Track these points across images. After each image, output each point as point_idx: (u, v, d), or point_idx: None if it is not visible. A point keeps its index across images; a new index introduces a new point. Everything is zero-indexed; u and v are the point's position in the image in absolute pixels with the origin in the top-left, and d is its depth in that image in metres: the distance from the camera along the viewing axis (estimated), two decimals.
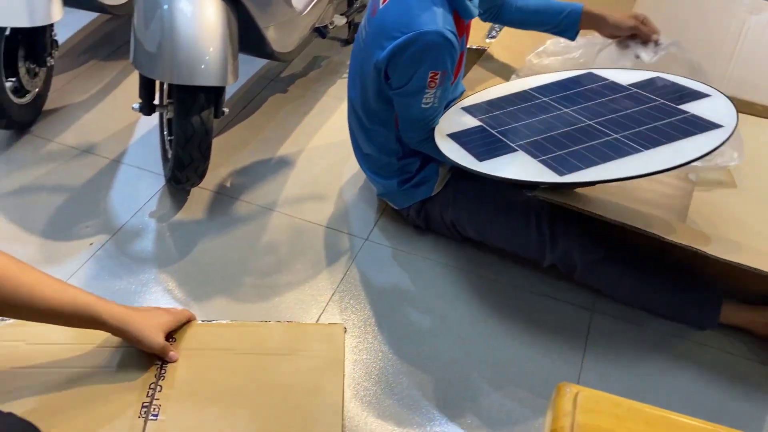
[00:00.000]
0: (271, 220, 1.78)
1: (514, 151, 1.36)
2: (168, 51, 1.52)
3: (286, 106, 2.20)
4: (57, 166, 1.89)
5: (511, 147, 1.38)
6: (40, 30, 1.86)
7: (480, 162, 1.34)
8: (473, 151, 1.39)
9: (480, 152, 1.38)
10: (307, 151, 2.02)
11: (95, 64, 2.30)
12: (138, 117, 2.06)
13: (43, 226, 1.70)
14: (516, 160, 1.34)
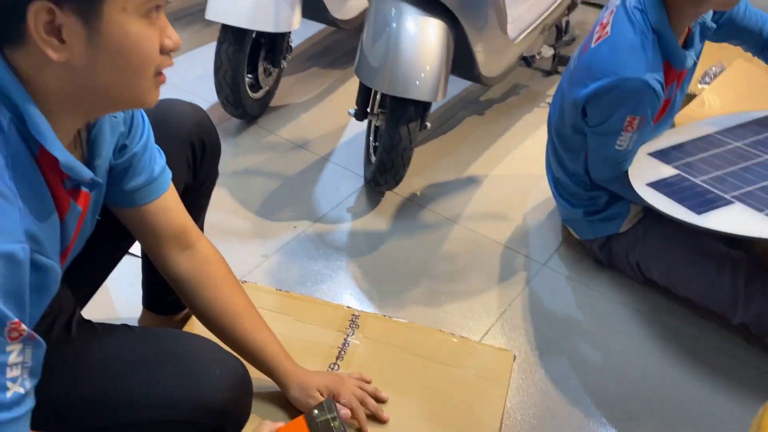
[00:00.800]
0: (453, 231, 1.88)
1: (730, 203, 1.34)
2: (390, 65, 1.68)
3: (481, 127, 2.30)
4: (274, 155, 2.14)
5: (726, 199, 1.35)
6: (281, 36, 2.13)
7: (698, 215, 1.33)
8: (686, 203, 1.37)
9: (694, 204, 1.36)
10: (496, 171, 2.10)
11: (317, 70, 2.57)
12: (348, 121, 2.27)
13: (258, 205, 1.94)
14: (736, 213, 1.31)
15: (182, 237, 1.04)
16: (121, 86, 0.75)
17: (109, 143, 0.89)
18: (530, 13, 2.09)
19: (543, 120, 2.31)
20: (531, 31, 2.09)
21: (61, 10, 0.66)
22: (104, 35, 0.70)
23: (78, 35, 0.68)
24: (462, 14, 1.72)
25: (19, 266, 0.68)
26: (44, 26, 0.66)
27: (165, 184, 1.00)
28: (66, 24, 0.67)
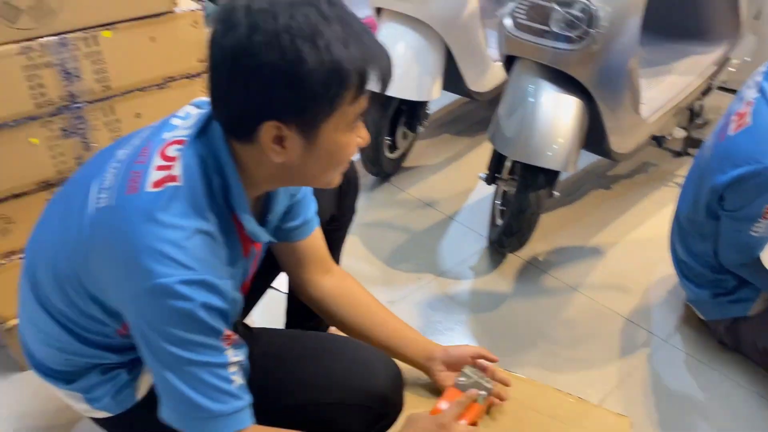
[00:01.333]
0: (573, 298, 1.92)
1: None
2: (524, 135, 1.79)
3: (607, 201, 2.35)
4: (404, 211, 2.29)
5: None
6: (421, 104, 2.31)
7: None
8: None
9: None
10: (620, 245, 2.13)
11: (448, 137, 2.73)
12: (474, 185, 2.39)
13: (387, 255, 2.07)
14: None
15: (324, 264, 1.24)
16: (319, 176, 0.95)
17: (282, 204, 1.09)
18: (664, 94, 2.15)
19: (670, 199, 2.33)
20: (664, 112, 2.14)
21: (288, 128, 0.84)
22: (317, 145, 0.88)
23: (297, 145, 0.87)
24: (597, 93, 1.81)
25: (225, 297, 0.87)
26: (272, 138, 0.85)
27: (316, 222, 1.20)
28: (289, 137, 0.86)
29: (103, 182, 0.91)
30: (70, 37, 1.39)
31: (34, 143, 1.45)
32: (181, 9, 1.53)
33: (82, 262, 0.92)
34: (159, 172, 0.87)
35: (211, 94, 0.88)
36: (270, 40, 0.79)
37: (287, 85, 0.81)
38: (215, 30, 0.84)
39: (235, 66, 0.81)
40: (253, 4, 0.81)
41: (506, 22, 1.81)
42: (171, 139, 0.91)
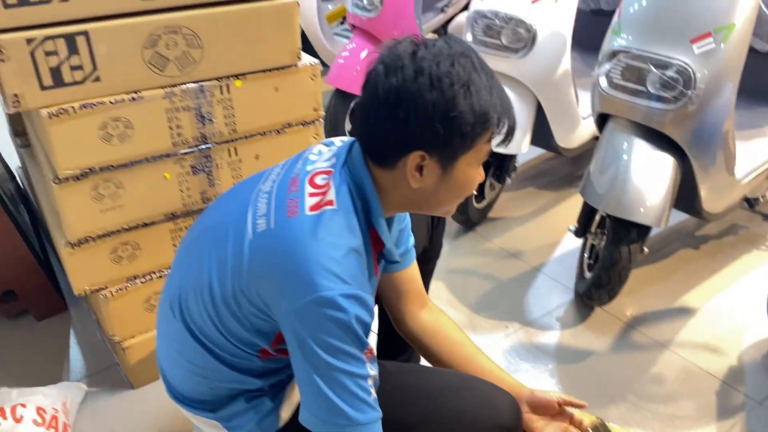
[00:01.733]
0: (662, 355, 1.91)
1: None
2: (618, 189, 1.84)
3: (696, 261, 2.33)
4: (489, 260, 2.34)
5: None
6: (510, 157, 2.38)
7: None
8: None
9: None
10: (710, 306, 2.11)
11: (532, 190, 2.78)
12: (559, 237, 2.42)
13: (473, 302, 2.12)
14: None
15: (421, 296, 1.32)
16: (444, 204, 1.08)
17: (395, 231, 1.20)
18: (758, 156, 2.15)
19: (761, 262, 2.30)
20: (757, 173, 2.14)
21: (430, 158, 0.98)
22: (451, 176, 1.01)
23: (434, 174, 1.01)
24: (692, 152, 1.85)
25: (371, 313, 0.98)
26: (415, 166, 0.99)
27: (414, 254, 1.30)
28: (428, 166, 0.99)
29: (257, 211, 1.02)
30: (207, 84, 1.55)
31: (167, 178, 1.60)
32: (303, 63, 1.67)
33: (243, 283, 1.01)
34: (313, 198, 0.99)
35: (361, 126, 1.02)
36: (433, 83, 0.93)
37: (441, 122, 0.94)
38: (376, 71, 0.97)
39: (399, 102, 0.94)
40: (419, 51, 0.96)
41: (601, 82, 1.89)
42: (316, 170, 1.04)
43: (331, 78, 2.65)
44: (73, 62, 1.38)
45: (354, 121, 1.09)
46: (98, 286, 1.64)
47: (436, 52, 0.95)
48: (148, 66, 1.46)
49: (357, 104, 1.04)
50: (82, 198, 1.50)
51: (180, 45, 1.47)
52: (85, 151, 1.46)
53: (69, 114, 1.40)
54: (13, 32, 1.32)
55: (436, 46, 0.97)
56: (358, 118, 1.03)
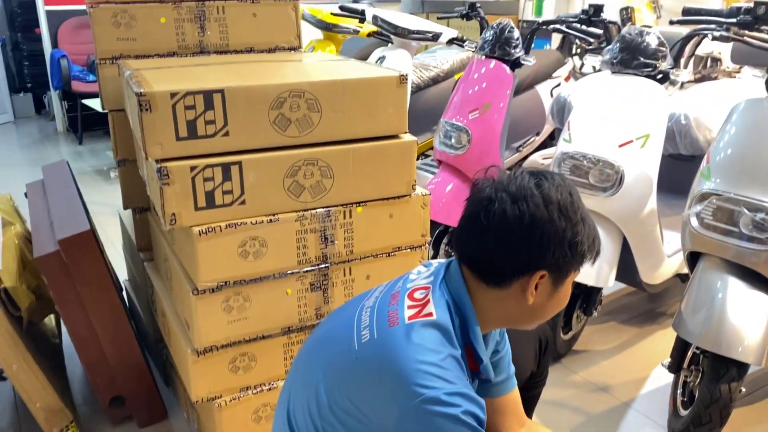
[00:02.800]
0: None
1: None
2: (716, 327, 1.87)
3: None
4: (578, 393, 2.34)
5: None
6: (597, 290, 2.45)
7: None
8: None
9: None
10: None
11: (614, 324, 2.80)
12: (648, 371, 2.41)
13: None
14: None
15: (519, 416, 1.37)
16: (542, 317, 1.18)
17: (489, 350, 1.27)
18: None
19: None
20: None
21: (548, 277, 1.11)
22: (558, 292, 1.14)
23: (545, 291, 1.13)
24: None
25: (483, 409, 1.04)
26: (534, 284, 1.11)
27: (513, 385, 1.36)
28: (542, 284, 1.12)
29: (362, 323, 1.14)
30: (333, 210, 1.71)
31: (288, 293, 1.73)
32: (416, 193, 1.83)
33: (350, 391, 1.09)
34: (412, 309, 1.10)
35: (475, 249, 1.13)
36: (561, 211, 1.06)
37: (568, 246, 1.07)
38: (500, 199, 1.09)
39: (532, 227, 1.06)
40: (543, 183, 1.09)
41: (693, 222, 1.98)
42: (415, 286, 1.16)
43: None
44: (226, 187, 1.57)
45: (459, 245, 1.18)
46: (214, 395, 1.73)
47: (557, 184, 1.09)
48: (286, 192, 1.64)
49: (465, 230, 1.15)
50: (214, 309, 1.64)
51: (315, 175, 1.66)
52: (224, 266, 1.61)
53: (216, 232, 1.57)
54: (180, 160, 1.53)
55: (555, 178, 1.10)
56: (466, 242, 1.14)
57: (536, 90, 3.70)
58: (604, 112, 2.37)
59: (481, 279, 1.13)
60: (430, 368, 1.02)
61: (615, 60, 2.37)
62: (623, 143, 2.30)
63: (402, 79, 1.68)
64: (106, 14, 1.99)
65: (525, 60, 2.81)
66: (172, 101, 1.48)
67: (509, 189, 1.09)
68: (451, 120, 2.90)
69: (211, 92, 1.51)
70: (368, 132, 1.70)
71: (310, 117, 1.61)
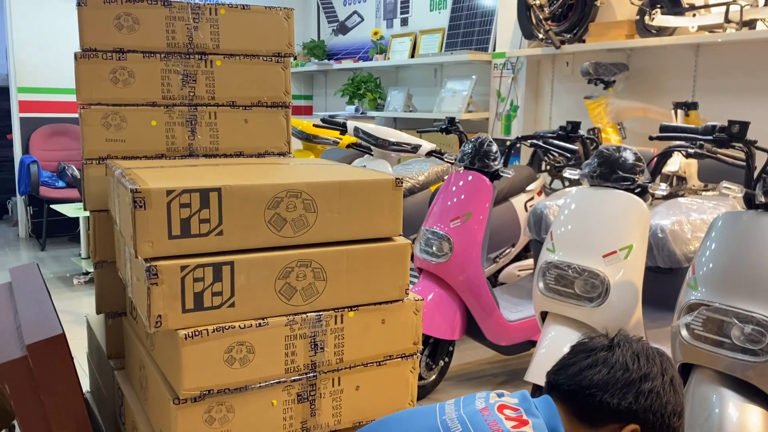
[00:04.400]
0: None
1: None
2: None
3: None
4: None
5: None
6: None
7: None
8: None
9: None
10: None
11: None
12: None
13: None
14: None
15: None
16: None
17: None
18: None
19: None
20: None
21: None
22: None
23: None
24: None
25: None
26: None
27: None
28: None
29: (450, 428, 1.10)
30: (324, 314, 1.65)
31: (274, 404, 1.62)
32: (409, 298, 1.79)
33: None
34: (511, 421, 1.06)
35: (583, 380, 1.16)
36: (674, 385, 1.18)
37: (667, 415, 1.14)
38: (623, 348, 1.19)
39: (644, 381, 1.13)
40: (664, 355, 1.22)
41: (683, 332, 1.96)
42: (502, 403, 1.13)
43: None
44: (215, 289, 1.51)
45: (560, 376, 1.21)
46: None
47: (671, 363, 1.18)
48: (278, 295, 1.58)
49: (572, 363, 1.20)
50: (195, 420, 1.52)
51: (308, 277, 1.61)
52: (209, 373, 1.51)
53: (202, 336, 1.49)
54: (170, 260, 1.47)
55: (663, 356, 1.18)
56: (573, 373, 1.17)
57: (511, 202, 3.79)
58: (587, 223, 2.41)
59: (575, 414, 1.14)
60: None
61: (594, 174, 2.44)
62: (607, 253, 2.32)
63: (397, 182, 1.69)
64: (97, 115, 1.99)
65: (504, 172, 2.88)
66: (167, 198, 1.44)
67: (632, 345, 1.18)
68: (433, 228, 2.92)
69: (208, 190, 1.48)
70: (363, 234, 1.68)
71: (306, 217, 1.59)
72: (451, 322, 2.93)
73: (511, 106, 4.78)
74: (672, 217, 2.77)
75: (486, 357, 3.57)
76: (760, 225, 1.93)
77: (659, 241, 2.69)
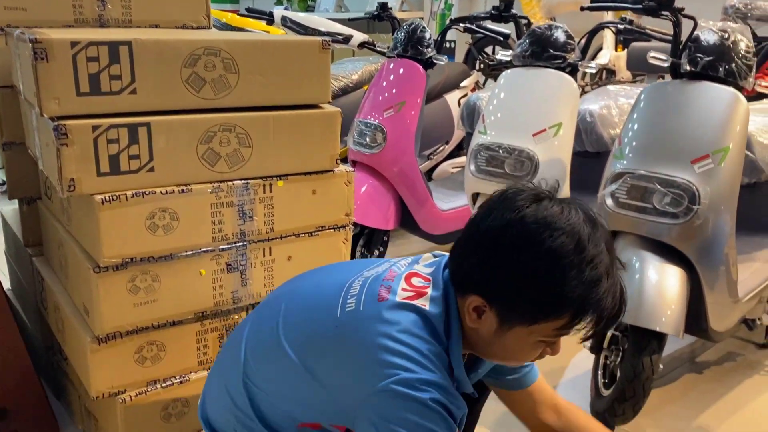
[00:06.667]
0: None
1: None
2: (636, 301, 1.89)
3: (703, 385, 2.35)
4: None
5: None
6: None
7: None
8: None
9: None
10: (727, 424, 2.10)
11: None
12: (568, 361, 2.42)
13: (492, 423, 2.05)
14: None
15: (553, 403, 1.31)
16: (495, 358, 1.10)
17: (487, 365, 1.20)
18: (754, 278, 2.27)
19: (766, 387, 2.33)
20: (754, 294, 2.24)
21: (490, 308, 1.00)
22: (506, 337, 1.01)
23: (489, 326, 1.01)
24: (700, 265, 1.94)
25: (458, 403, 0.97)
26: (473, 309, 1.01)
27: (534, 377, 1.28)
28: (487, 314, 1.01)
29: (351, 291, 1.05)
30: (252, 183, 1.60)
31: (202, 274, 1.58)
32: (339, 169, 1.75)
33: (321, 358, 1.02)
34: (406, 292, 1.01)
35: (456, 252, 1.05)
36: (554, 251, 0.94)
37: (522, 284, 0.96)
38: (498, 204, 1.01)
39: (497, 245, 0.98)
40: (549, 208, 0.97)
41: (608, 201, 2.02)
42: (416, 272, 1.07)
43: None
44: (132, 152, 1.42)
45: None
46: (118, 389, 1.54)
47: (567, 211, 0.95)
48: (200, 161, 1.51)
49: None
50: (119, 289, 1.47)
51: (232, 143, 1.54)
52: (131, 240, 1.45)
53: (120, 201, 1.42)
54: (80, 119, 1.37)
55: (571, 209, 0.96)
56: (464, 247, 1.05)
57: (445, 99, 3.75)
58: (518, 103, 2.41)
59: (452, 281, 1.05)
60: (409, 351, 0.95)
61: (526, 53, 2.42)
62: (537, 132, 2.34)
63: (325, 44, 1.61)
64: None
65: (437, 59, 2.83)
66: (72, 51, 1.33)
67: (509, 196, 1.00)
68: (366, 119, 2.86)
69: (117, 44, 1.37)
70: (290, 99, 1.61)
71: (227, 78, 1.51)
72: (385, 213, 2.93)
73: (445, 4, 4.68)
74: (600, 102, 2.81)
75: (421, 249, 3.62)
76: (685, 93, 1.96)
77: (587, 125, 2.73)
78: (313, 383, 1.02)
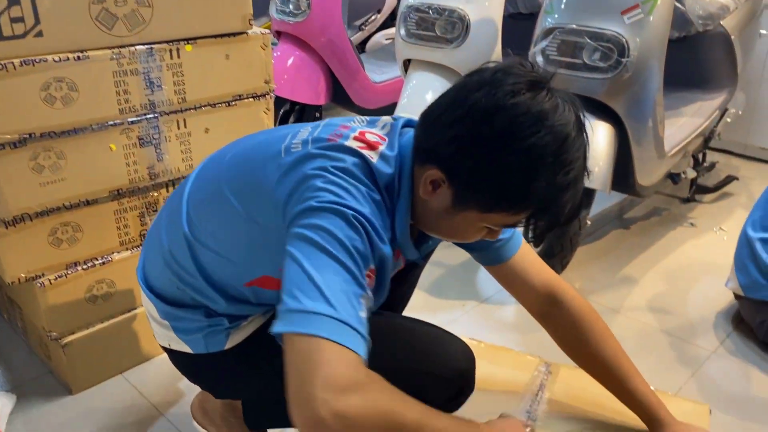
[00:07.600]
0: (616, 319, 1.96)
1: None
2: None
3: (628, 238, 2.44)
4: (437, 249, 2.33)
5: None
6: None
7: None
8: None
9: None
10: (650, 275, 2.20)
11: None
12: None
13: (428, 286, 2.10)
14: None
15: (539, 272, 1.22)
16: (440, 234, 1.01)
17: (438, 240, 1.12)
18: (680, 132, 2.31)
19: (689, 237, 2.44)
20: (680, 148, 2.28)
21: (448, 186, 0.91)
22: (455, 216, 0.94)
23: (443, 202, 0.93)
24: (628, 120, 1.95)
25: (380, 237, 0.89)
26: (430, 182, 0.92)
27: (516, 245, 1.18)
28: (443, 189, 0.92)
29: (298, 135, 0.98)
30: (157, 47, 1.47)
31: (113, 149, 1.49)
32: (254, 32, 1.63)
33: (268, 196, 0.95)
34: (357, 142, 0.94)
35: (430, 119, 0.94)
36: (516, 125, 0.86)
37: (486, 161, 0.87)
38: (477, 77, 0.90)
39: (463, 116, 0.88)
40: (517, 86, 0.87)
41: (538, 59, 1.97)
42: (369, 130, 0.98)
43: None
44: (14, 13, 1.27)
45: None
46: (35, 273, 1.48)
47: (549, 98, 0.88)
48: (95, 23, 1.37)
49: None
50: (21, 168, 1.37)
51: (129, 2, 1.40)
52: (26, 114, 1.33)
53: (8, 71, 1.29)
54: None
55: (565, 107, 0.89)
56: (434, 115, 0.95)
57: None
58: None
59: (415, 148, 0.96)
60: (344, 183, 0.87)
61: None
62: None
63: None
64: None
65: None
66: None
67: (506, 71, 0.89)
68: None
69: None
70: None
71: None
72: (315, 87, 2.82)
73: None
74: None
75: None
76: None
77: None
78: (255, 227, 0.97)
